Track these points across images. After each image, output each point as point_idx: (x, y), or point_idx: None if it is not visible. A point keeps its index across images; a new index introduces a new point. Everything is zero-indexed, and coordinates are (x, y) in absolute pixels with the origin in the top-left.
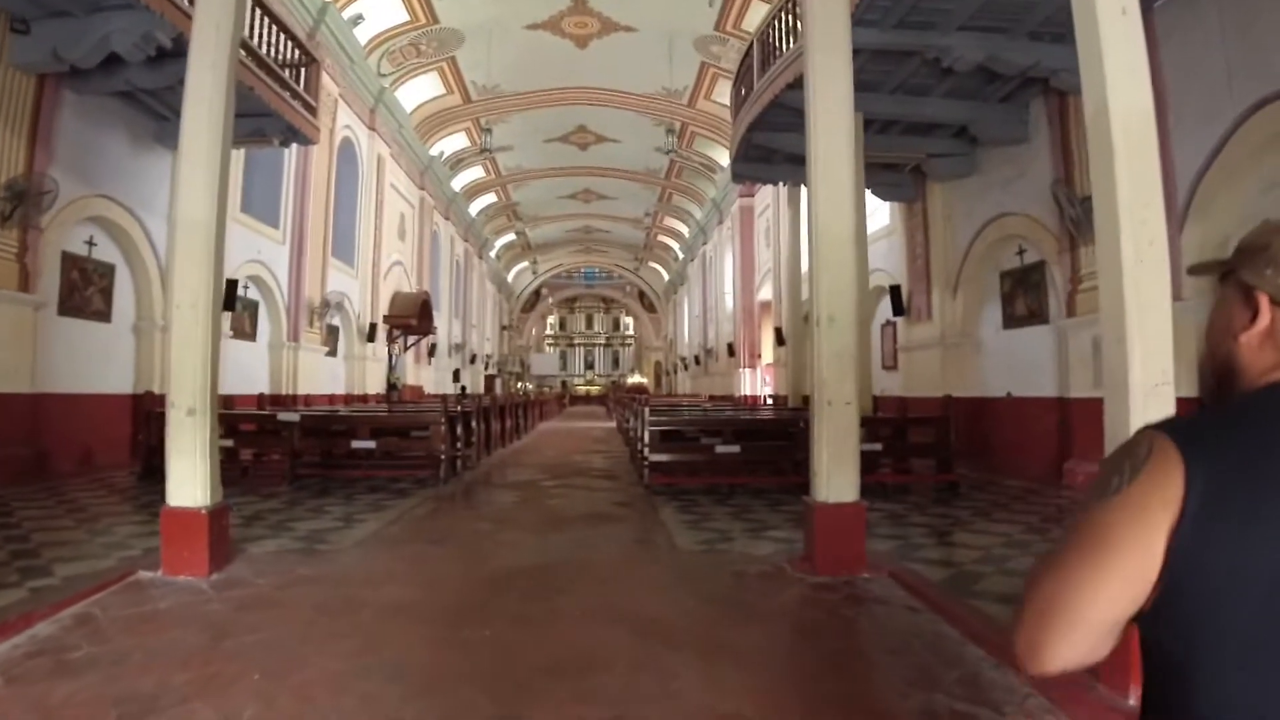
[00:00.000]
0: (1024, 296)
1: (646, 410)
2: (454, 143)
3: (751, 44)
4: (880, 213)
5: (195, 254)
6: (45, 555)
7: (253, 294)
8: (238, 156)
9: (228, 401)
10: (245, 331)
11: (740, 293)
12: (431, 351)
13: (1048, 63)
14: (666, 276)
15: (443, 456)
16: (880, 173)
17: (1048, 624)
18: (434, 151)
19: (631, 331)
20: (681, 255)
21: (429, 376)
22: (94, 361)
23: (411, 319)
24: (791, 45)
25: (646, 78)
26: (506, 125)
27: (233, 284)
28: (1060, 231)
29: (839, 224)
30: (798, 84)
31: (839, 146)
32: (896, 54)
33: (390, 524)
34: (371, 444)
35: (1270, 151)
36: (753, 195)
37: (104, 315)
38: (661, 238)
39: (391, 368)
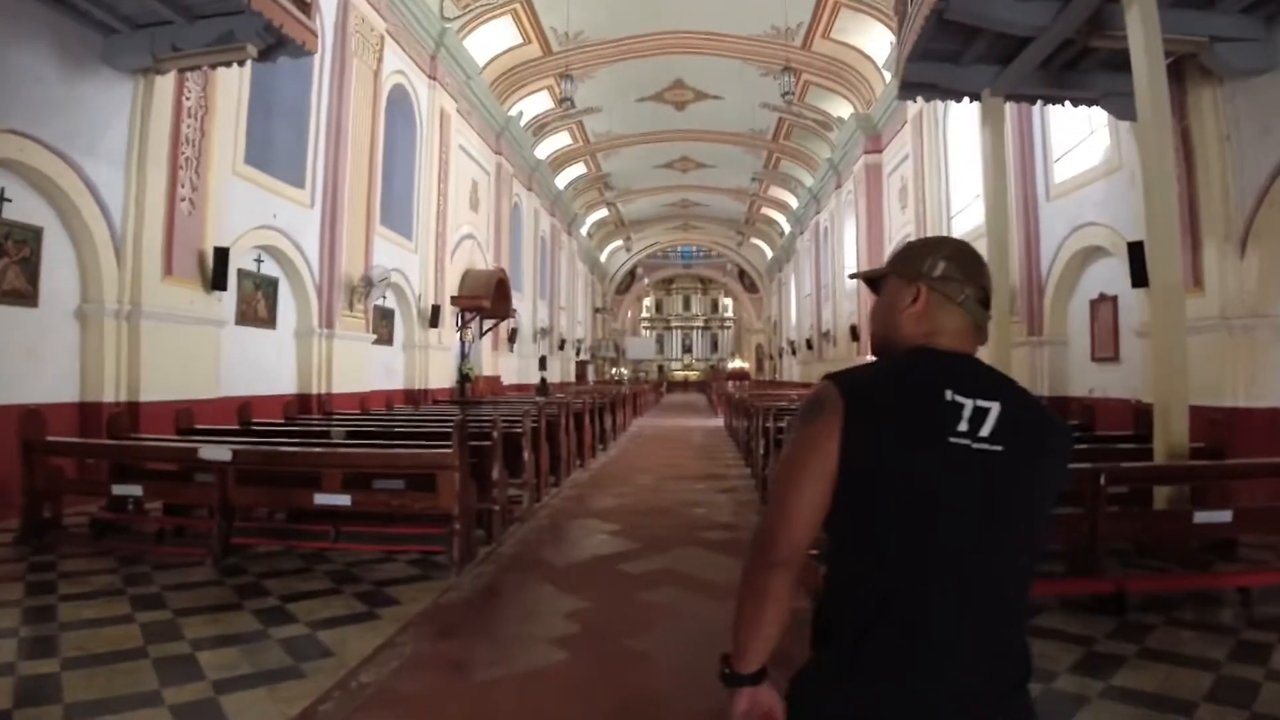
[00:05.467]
0: None
1: None
2: (536, 104)
3: None
4: (1091, 145)
5: None
6: None
7: (270, 269)
8: (237, 90)
9: (191, 410)
10: (260, 316)
11: (866, 266)
12: (512, 337)
13: None
14: (770, 253)
15: (458, 525)
16: (1108, 77)
17: (775, 519)
18: (512, 113)
19: (731, 313)
20: (789, 228)
21: (510, 365)
22: (11, 361)
23: (485, 300)
24: None
25: (753, 14)
26: (594, 82)
27: (223, 254)
28: None
29: None
30: None
31: None
32: None
33: None
34: (344, 499)
35: None
36: (880, 151)
37: (27, 297)
38: (765, 210)
39: (464, 357)
